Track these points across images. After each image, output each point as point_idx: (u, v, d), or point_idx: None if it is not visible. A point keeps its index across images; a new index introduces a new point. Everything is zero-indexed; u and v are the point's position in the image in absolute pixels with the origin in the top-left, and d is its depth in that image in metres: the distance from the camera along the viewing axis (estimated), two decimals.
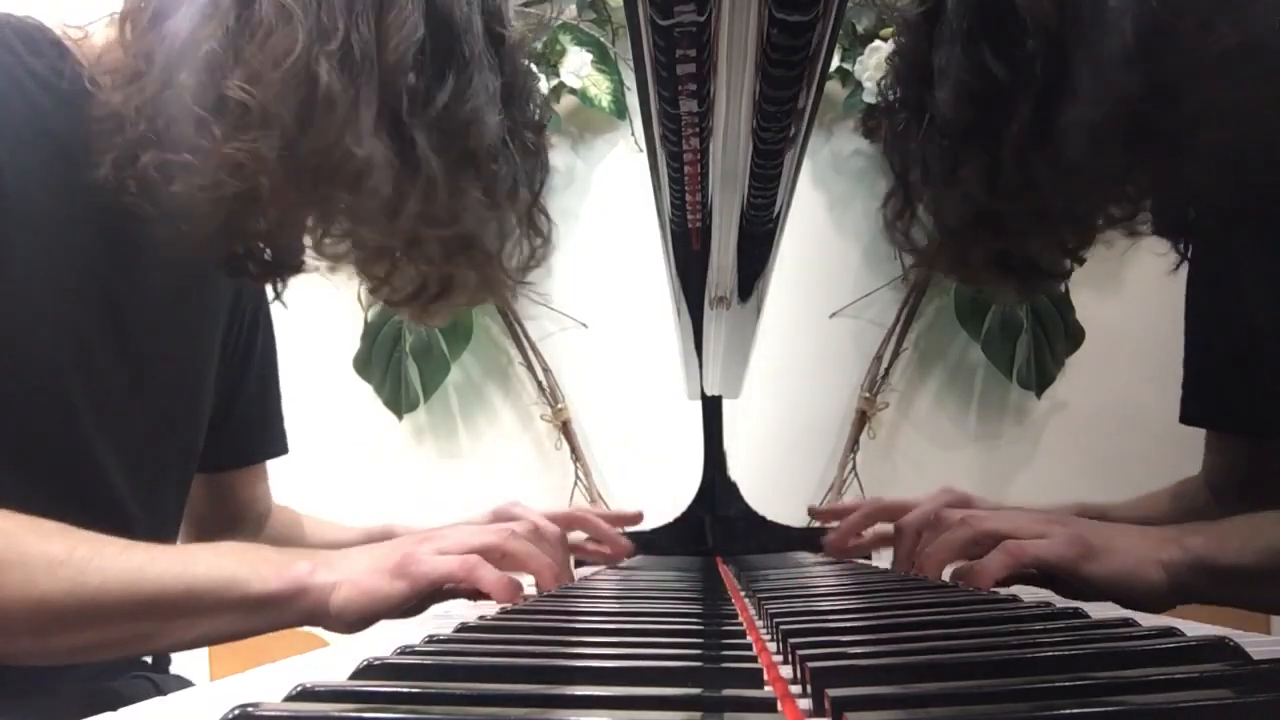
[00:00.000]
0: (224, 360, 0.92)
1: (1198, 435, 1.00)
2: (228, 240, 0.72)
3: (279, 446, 1.01)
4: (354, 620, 0.68)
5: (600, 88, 1.89)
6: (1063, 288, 1.84)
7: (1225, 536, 0.71)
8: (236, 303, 0.93)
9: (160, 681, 0.85)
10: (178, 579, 0.64)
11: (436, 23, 0.68)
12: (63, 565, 0.61)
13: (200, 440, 0.89)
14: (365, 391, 1.89)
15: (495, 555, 0.72)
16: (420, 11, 0.67)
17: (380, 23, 0.66)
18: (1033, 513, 0.78)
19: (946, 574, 0.79)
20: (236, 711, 0.29)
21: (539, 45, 1.86)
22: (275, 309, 0.99)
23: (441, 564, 0.68)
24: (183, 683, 0.89)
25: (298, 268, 0.78)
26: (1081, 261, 0.84)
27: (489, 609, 0.68)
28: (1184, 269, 0.92)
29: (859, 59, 1.82)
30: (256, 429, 0.99)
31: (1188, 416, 0.99)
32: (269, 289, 0.83)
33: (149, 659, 0.88)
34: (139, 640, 0.66)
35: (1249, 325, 0.86)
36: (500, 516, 0.93)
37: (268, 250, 0.76)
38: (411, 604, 0.69)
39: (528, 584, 0.75)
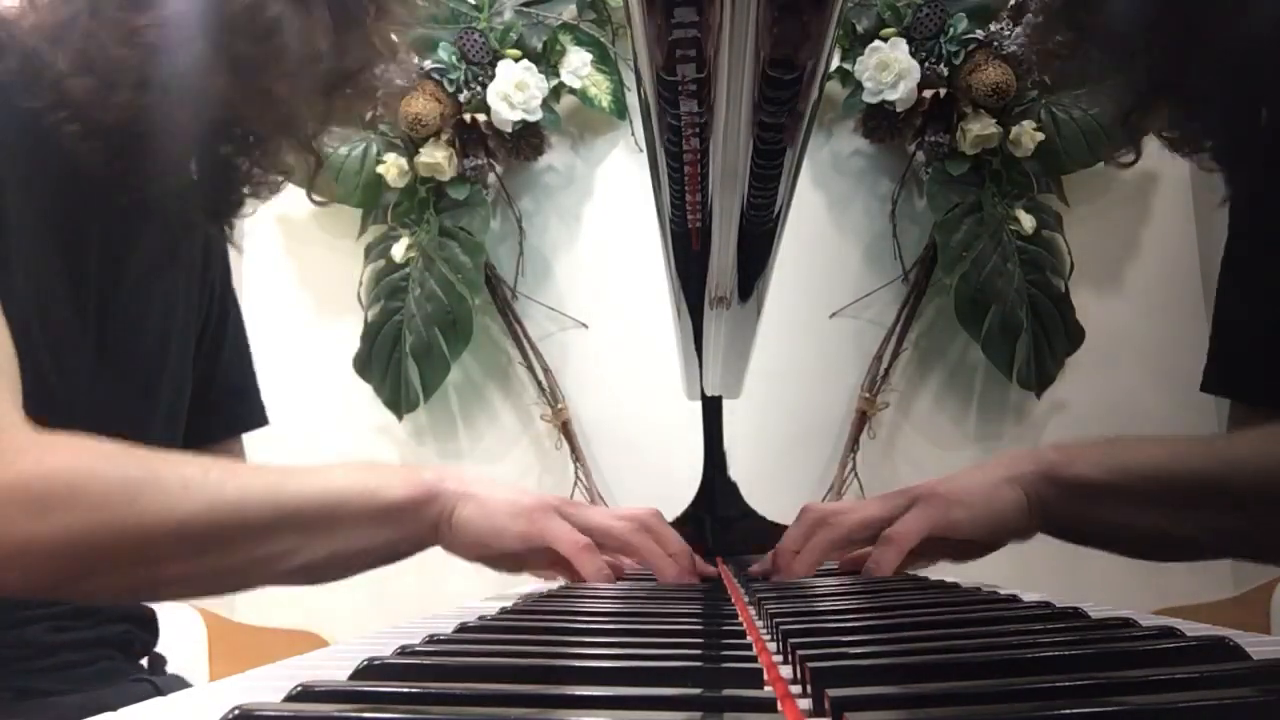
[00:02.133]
0: (201, 335, 0.92)
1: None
2: (184, 155, 0.75)
3: (260, 417, 1.01)
4: (471, 541, 0.70)
5: (600, 88, 1.89)
6: (1063, 287, 1.84)
7: (1082, 451, 0.71)
8: (205, 275, 0.92)
9: (161, 684, 0.85)
10: (314, 491, 0.66)
11: None
12: (200, 485, 0.62)
13: (183, 414, 0.89)
14: (365, 391, 1.89)
15: (614, 545, 0.74)
16: None
17: None
18: (880, 497, 0.79)
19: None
20: (236, 711, 0.29)
21: (539, 45, 1.86)
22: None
23: (561, 530, 0.71)
24: (181, 683, 0.89)
25: (240, 204, 0.81)
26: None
27: (489, 611, 0.68)
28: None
29: (859, 59, 1.82)
30: (236, 401, 0.98)
31: (1211, 385, 0.92)
32: (224, 230, 0.85)
33: (145, 662, 0.88)
34: (282, 557, 0.66)
35: None
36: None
37: (212, 191, 0.78)
38: (520, 550, 0.72)
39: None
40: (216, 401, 0.94)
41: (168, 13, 0.66)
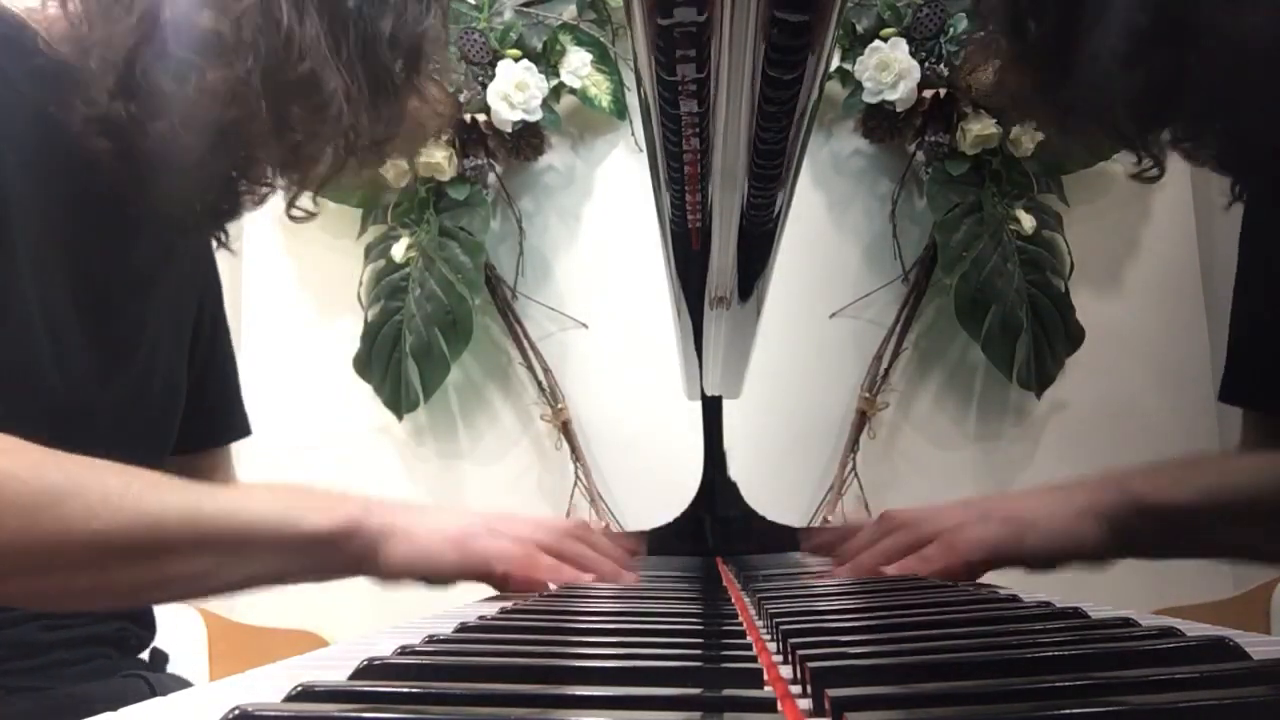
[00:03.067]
0: (194, 342, 0.92)
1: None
2: (205, 186, 0.75)
3: (244, 428, 1.01)
4: (399, 572, 0.69)
5: (600, 88, 1.89)
6: (1063, 287, 1.84)
7: (1165, 477, 0.69)
8: (196, 281, 0.93)
9: (155, 681, 0.85)
10: (234, 515, 0.65)
11: None
12: (121, 498, 0.61)
13: (175, 423, 0.89)
14: (365, 391, 1.89)
15: (550, 553, 0.73)
16: None
17: None
18: (958, 506, 0.77)
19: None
20: (236, 712, 0.29)
21: (539, 45, 1.86)
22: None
23: (500, 547, 0.70)
24: (181, 682, 0.88)
25: (236, 213, 0.80)
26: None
27: (489, 610, 0.68)
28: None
29: (859, 59, 1.82)
30: (223, 411, 0.99)
31: (1228, 395, 0.91)
32: (216, 239, 0.86)
33: (145, 656, 0.88)
34: (195, 578, 0.66)
35: None
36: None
37: (212, 199, 0.78)
38: (455, 579, 0.71)
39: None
40: (206, 411, 0.94)
41: (233, 67, 0.68)
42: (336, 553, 0.68)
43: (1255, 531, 0.68)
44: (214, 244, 0.89)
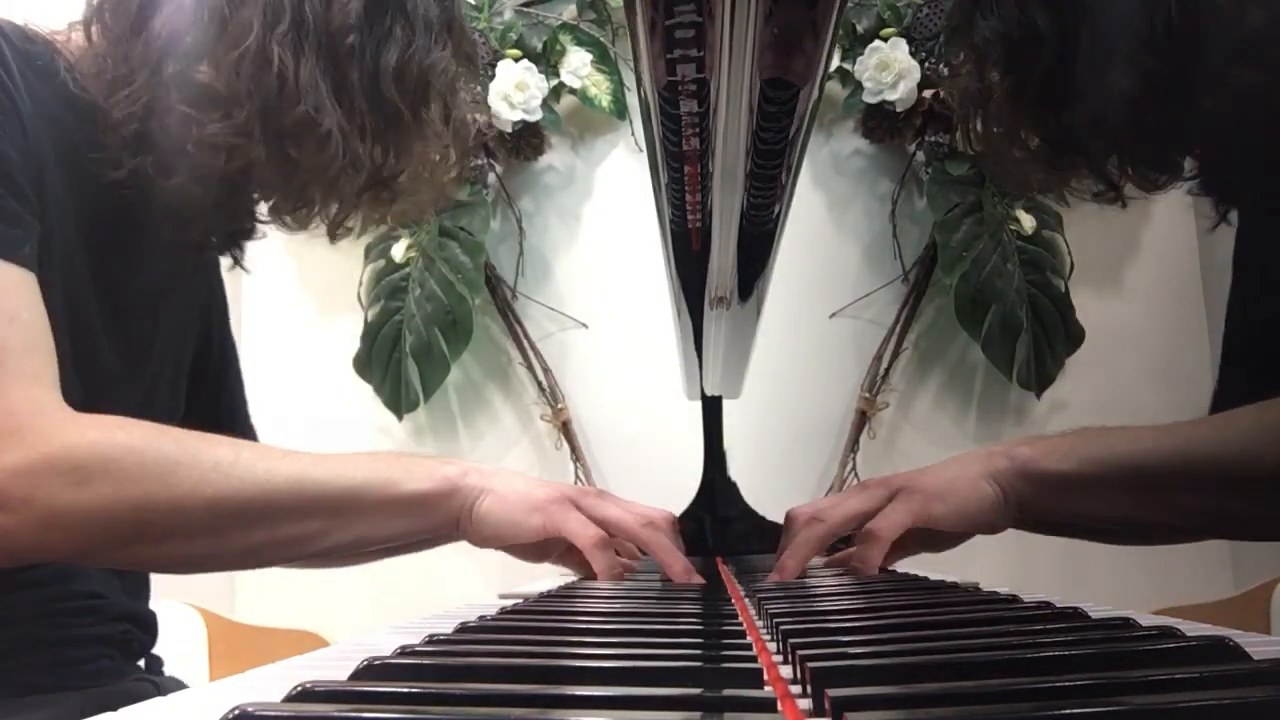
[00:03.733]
0: (205, 358, 0.93)
1: None
2: (222, 222, 0.78)
3: (249, 436, 1.02)
4: (489, 534, 0.73)
5: (600, 88, 1.89)
6: (1063, 287, 1.84)
7: (1052, 446, 0.74)
8: (205, 288, 0.93)
9: (160, 684, 0.85)
10: (340, 478, 0.69)
11: None
12: (232, 465, 0.65)
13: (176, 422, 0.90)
14: (365, 391, 1.89)
15: (625, 537, 0.78)
16: None
17: None
18: (860, 490, 0.82)
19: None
20: (236, 712, 0.29)
21: (539, 45, 1.87)
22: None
23: (577, 527, 0.74)
24: (181, 686, 0.89)
25: (251, 233, 0.83)
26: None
27: (489, 611, 0.68)
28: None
29: (859, 59, 1.82)
30: (230, 418, 0.99)
31: (1226, 383, 0.93)
32: (231, 256, 0.87)
33: (142, 662, 0.88)
34: (306, 539, 0.69)
35: None
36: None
37: (227, 220, 0.81)
38: (537, 542, 0.75)
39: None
40: (216, 419, 0.95)
41: (232, 118, 0.70)
42: (436, 512, 0.72)
43: (1132, 501, 0.72)
44: (225, 260, 0.89)
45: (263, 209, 0.81)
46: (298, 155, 0.72)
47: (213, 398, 0.94)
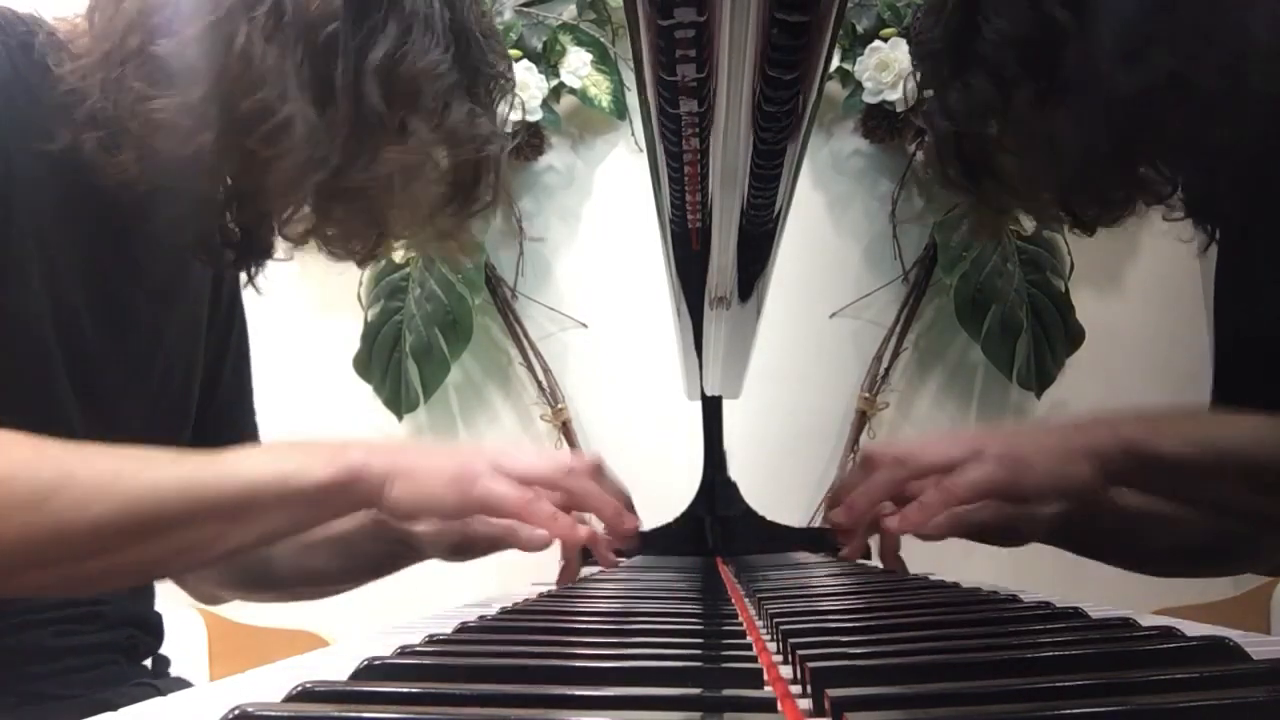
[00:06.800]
0: (208, 348, 0.92)
1: None
2: (198, 212, 0.73)
3: (253, 433, 1.01)
4: (404, 515, 0.68)
5: (600, 88, 1.89)
6: (1063, 287, 1.84)
7: (1164, 426, 0.67)
8: (216, 289, 0.93)
9: (163, 686, 0.85)
10: (231, 478, 0.64)
11: None
12: (114, 481, 0.61)
13: (188, 426, 0.89)
14: (365, 391, 1.89)
15: (554, 491, 0.70)
16: None
17: None
18: (952, 439, 0.73)
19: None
20: (236, 712, 0.29)
21: (539, 45, 1.86)
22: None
23: (500, 492, 0.66)
24: (184, 687, 0.88)
25: (267, 252, 0.79)
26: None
27: (489, 611, 0.68)
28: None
29: (859, 59, 1.82)
30: (234, 414, 0.98)
31: (1220, 404, 0.90)
32: (243, 275, 0.84)
33: (148, 663, 0.88)
34: (204, 545, 0.65)
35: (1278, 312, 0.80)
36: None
37: (239, 233, 0.77)
38: (459, 518, 0.71)
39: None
40: (217, 413, 0.94)
41: (183, 95, 0.67)
42: (342, 501, 0.67)
43: (1244, 489, 0.66)
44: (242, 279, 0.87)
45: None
46: (251, 145, 0.68)
47: (205, 397, 0.93)
